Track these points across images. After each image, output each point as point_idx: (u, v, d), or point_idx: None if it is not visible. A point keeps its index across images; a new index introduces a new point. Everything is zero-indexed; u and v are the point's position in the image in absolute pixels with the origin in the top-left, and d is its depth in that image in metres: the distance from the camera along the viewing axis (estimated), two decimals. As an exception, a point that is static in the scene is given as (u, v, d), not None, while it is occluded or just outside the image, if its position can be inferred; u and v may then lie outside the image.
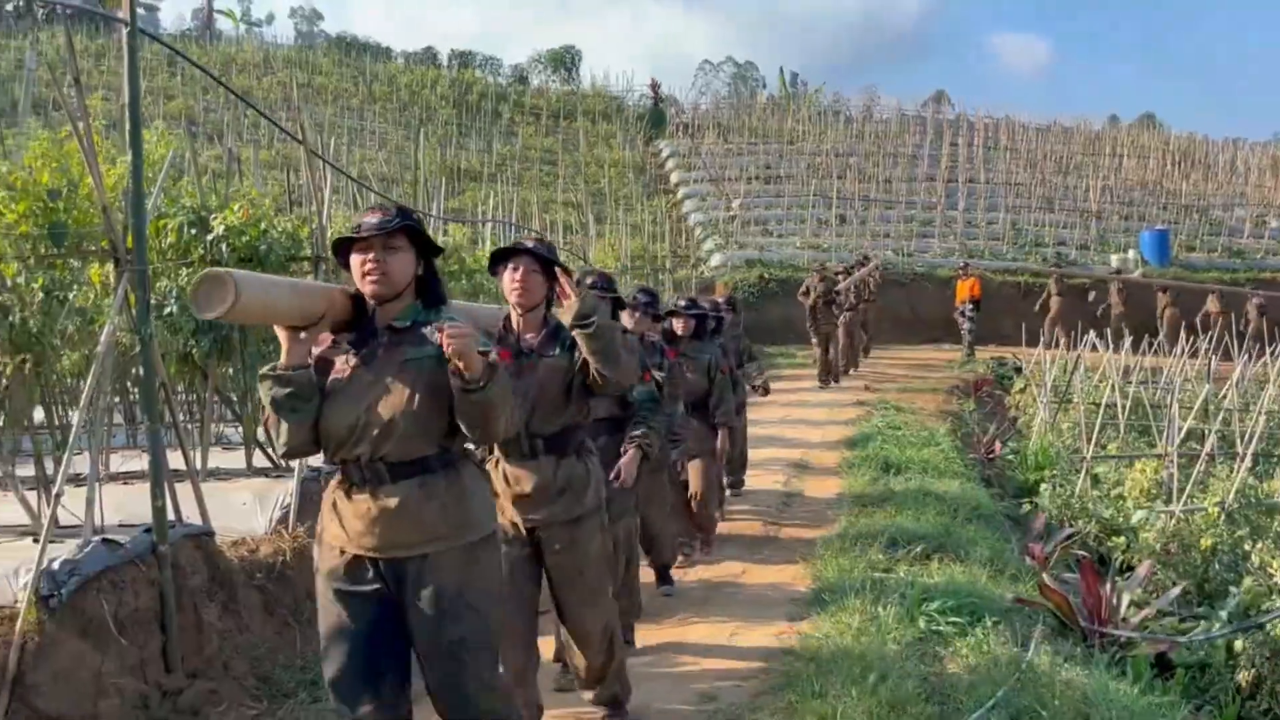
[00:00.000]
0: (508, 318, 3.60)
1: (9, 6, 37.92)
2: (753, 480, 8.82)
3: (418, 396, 2.70)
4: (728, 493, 7.91)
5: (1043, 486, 9.85)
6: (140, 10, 4.03)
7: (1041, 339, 15.43)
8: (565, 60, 40.10)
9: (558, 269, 3.48)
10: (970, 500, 7.97)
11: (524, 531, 3.56)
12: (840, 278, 16.21)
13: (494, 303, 8.06)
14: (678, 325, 6.23)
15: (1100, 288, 21.19)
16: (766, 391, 9.72)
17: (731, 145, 31.08)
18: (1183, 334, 17.37)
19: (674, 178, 29.57)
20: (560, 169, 29.86)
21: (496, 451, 3.57)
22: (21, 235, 3.90)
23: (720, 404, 6.38)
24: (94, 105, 5.57)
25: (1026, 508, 9.72)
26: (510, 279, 3.46)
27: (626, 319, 4.71)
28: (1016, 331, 19.98)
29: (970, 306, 18.39)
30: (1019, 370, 17.02)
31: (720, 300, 8.84)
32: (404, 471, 2.73)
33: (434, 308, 2.83)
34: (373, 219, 2.75)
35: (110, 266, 4.03)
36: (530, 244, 3.47)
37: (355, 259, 2.76)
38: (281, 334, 2.72)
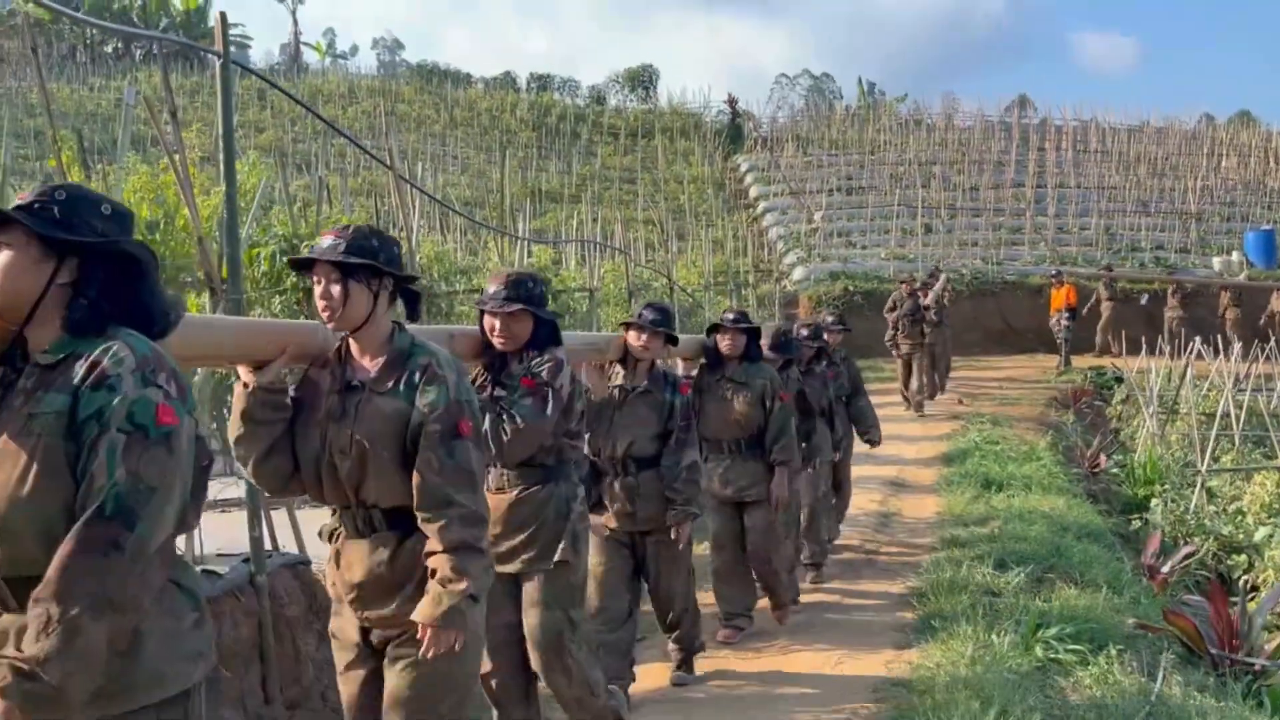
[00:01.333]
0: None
1: (108, 48, 39.53)
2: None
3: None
4: (803, 561, 6.34)
5: (1153, 502, 9.41)
6: (232, 47, 4.05)
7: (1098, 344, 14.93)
8: (643, 79, 40.21)
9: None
10: (1078, 518, 7.63)
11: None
12: (920, 293, 14.27)
13: (579, 328, 8.01)
14: (724, 343, 5.17)
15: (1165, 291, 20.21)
16: (875, 443, 7.79)
17: (811, 157, 30.75)
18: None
19: (753, 192, 29.35)
20: (639, 187, 29.89)
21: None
22: (121, 268, 3.93)
23: (779, 438, 5.13)
24: (189, 139, 5.65)
25: (1136, 524, 9.30)
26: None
27: (633, 339, 4.29)
28: (1114, 340, 19.39)
29: (1066, 315, 17.77)
30: (1119, 380, 16.38)
31: (826, 319, 7.65)
32: None
33: None
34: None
35: (206, 296, 4.04)
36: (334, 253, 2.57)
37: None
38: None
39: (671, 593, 4.48)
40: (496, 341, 3.39)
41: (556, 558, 3.41)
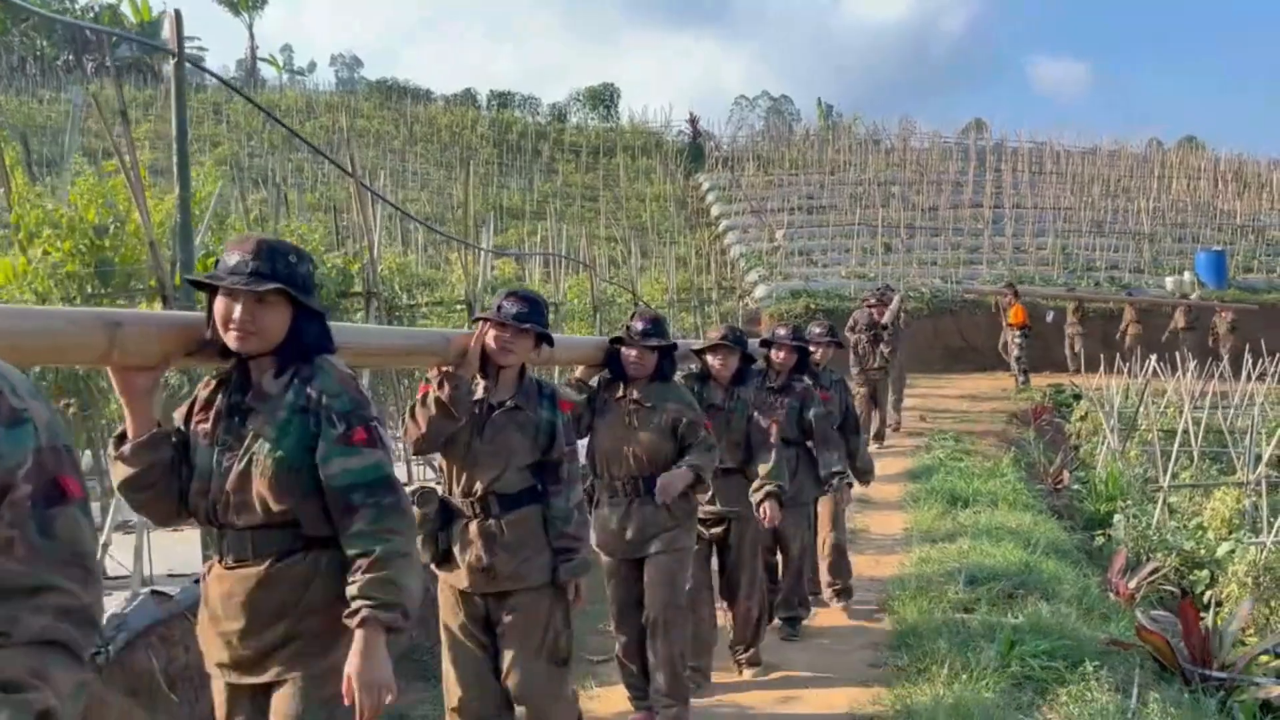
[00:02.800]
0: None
1: (59, 61, 38.85)
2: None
3: None
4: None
5: (1116, 518, 9.42)
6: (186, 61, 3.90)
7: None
8: (604, 98, 40.25)
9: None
10: (1045, 534, 7.60)
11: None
12: (875, 311, 12.79)
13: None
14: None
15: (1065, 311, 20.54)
16: (865, 481, 6.61)
17: (772, 177, 30.92)
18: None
19: (714, 210, 29.44)
20: (601, 204, 29.85)
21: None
22: (68, 274, 3.76)
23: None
24: (141, 151, 5.46)
25: (1099, 540, 9.30)
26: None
27: (490, 337, 3.23)
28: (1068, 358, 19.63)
29: (1019, 334, 17.84)
30: (1078, 397, 16.53)
31: (813, 330, 6.36)
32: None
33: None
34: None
35: (159, 304, 3.87)
36: None
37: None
38: None
39: (529, 684, 3.21)
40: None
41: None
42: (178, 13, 3.75)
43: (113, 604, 3.52)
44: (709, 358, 4.69)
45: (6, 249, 3.86)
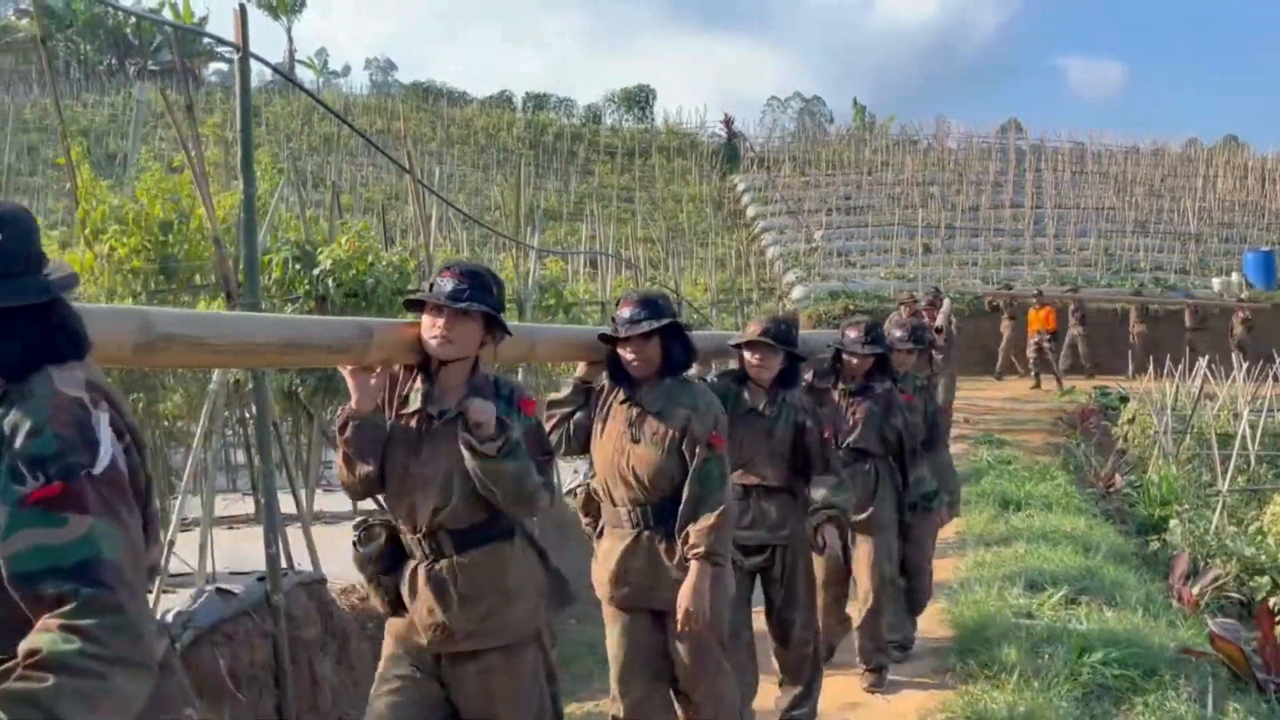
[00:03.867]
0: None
1: (102, 65, 39.39)
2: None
3: None
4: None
5: (1172, 523, 9.24)
6: (222, 65, 3.88)
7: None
8: (639, 99, 40.20)
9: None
10: (1103, 539, 7.45)
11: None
12: (926, 315, 11.42)
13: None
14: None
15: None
16: (951, 507, 5.60)
17: (808, 177, 30.74)
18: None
19: (750, 211, 29.32)
20: (637, 205, 29.82)
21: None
22: (133, 270, 3.75)
23: (699, 508, 3.16)
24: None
25: (1154, 545, 9.12)
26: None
27: (427, 326, 2.57)
28: (1114, 360, 19.31)
29: (1046, 337, 17.42)
30: (1125, 400, 16.25)
31: (893, 334, 5.14)
32: None
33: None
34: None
35: (221, 300, 3.85)
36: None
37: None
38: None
39: None
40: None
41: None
42: (242, 8, 3.72)
43: (178, 601, 3.51)
44: (746, 354, 3.81)
45: (73, 245, 3.86)
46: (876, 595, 4.53)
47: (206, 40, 35.25)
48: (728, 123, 36.00)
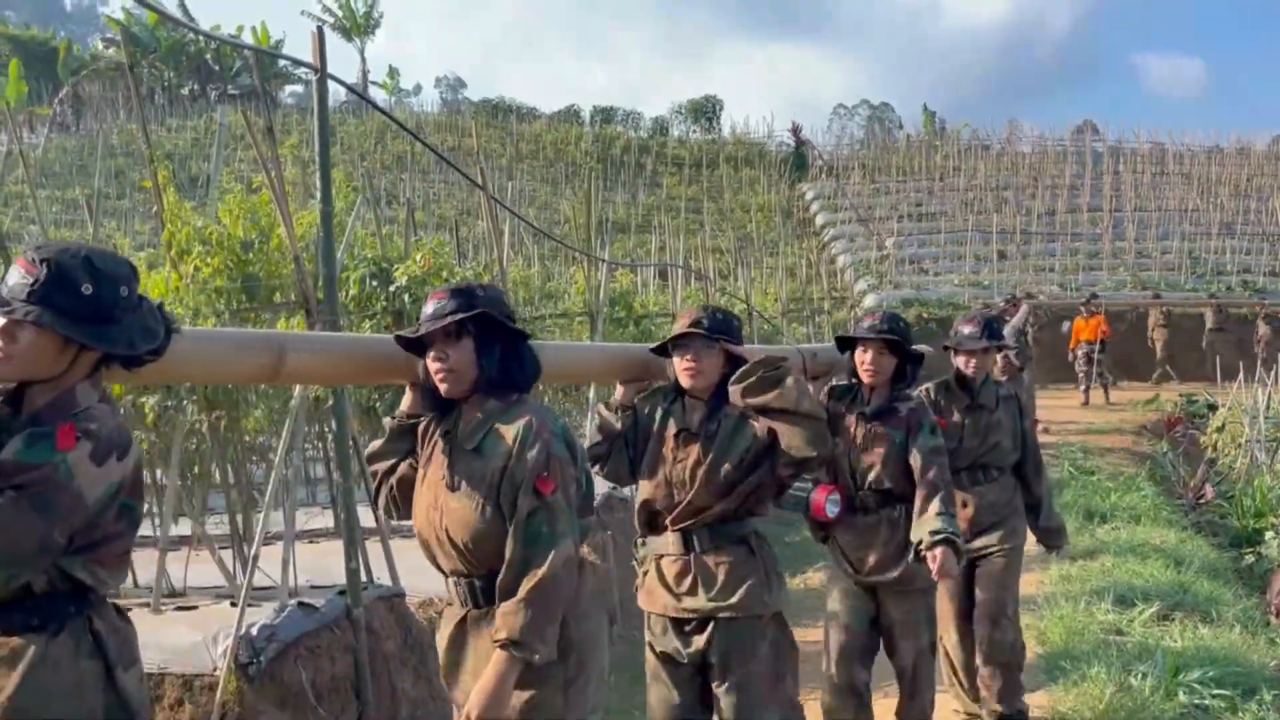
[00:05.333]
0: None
1: (184, 90, 40.64)
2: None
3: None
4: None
5: (1268, 535, 8.89)
6: (298, 87, 3.95)
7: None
8: (706, 110, 40.22)
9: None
10: (1196, 552, 7.20)
11: None
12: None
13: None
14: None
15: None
16: (1055, 544, 4.59)
17: (877, 185, 30.43)
18: None
19: (819, 220, 29.10)
20: (706, 216, 29.80)
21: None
22: (217, 289, 3.83)
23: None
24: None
25: (1249, 558, 8.78)
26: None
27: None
28: (1199, 366, 18.69)
29: (1097, 348, 16.61)
30: (1213, 408, 15.72)
31: (965, 330, 4.19)
32: None
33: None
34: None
35: (301, 317, 3.91)
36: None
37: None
38: None
39: None
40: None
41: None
42: (320, 30, 3.79)
43: (261, 615, 3.56)
44: (674, 357, 2.97)
45: (160, 265, 3.96)
46: (915, 676, 3.57)
47: (283, 63, 36.13)
48: (795, 131, 35.81)
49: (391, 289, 4.99)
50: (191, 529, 4.48)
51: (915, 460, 3.41)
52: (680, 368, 2.92)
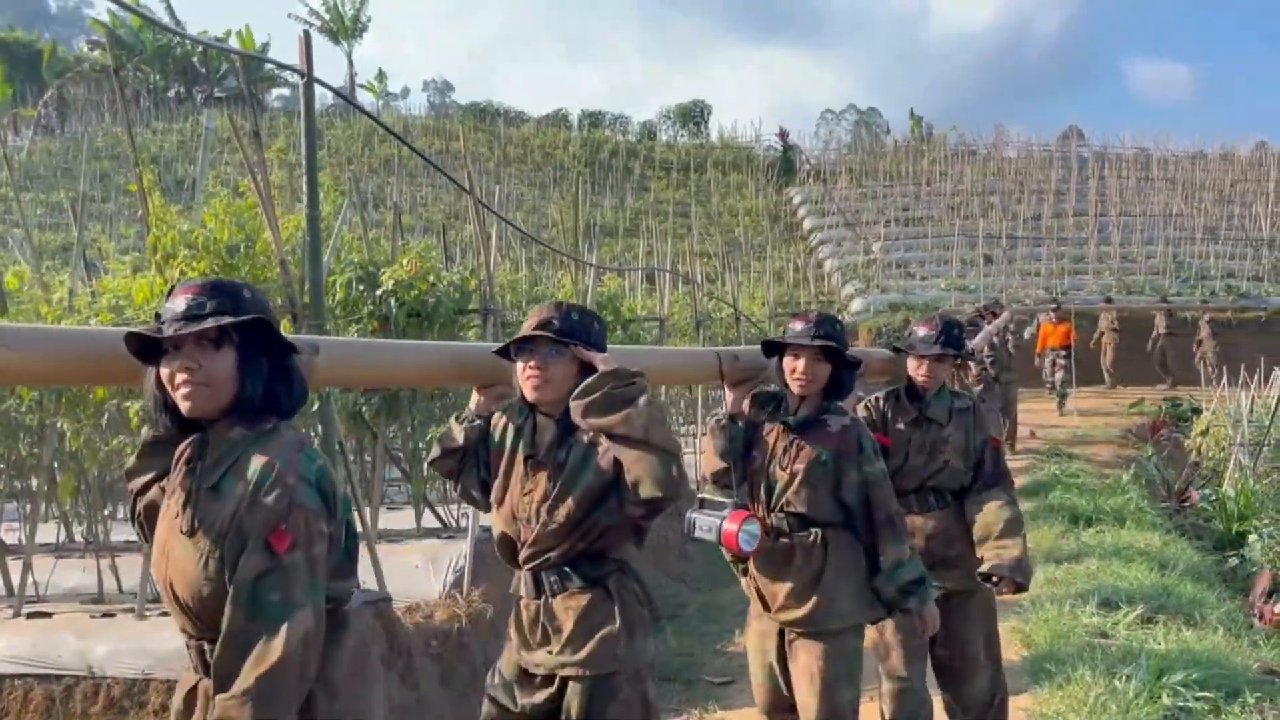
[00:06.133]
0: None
1: (170, 93, 40.49)
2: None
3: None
4: None
5: (1251, 538, 8.94)
6: (284, 90, 3.95)
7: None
8: (694, 114, 40.31)
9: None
10: (1180, 555, 7.24)
11: None
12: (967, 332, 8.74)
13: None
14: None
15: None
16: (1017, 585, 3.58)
17: (864, 189, 30.55)
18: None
19: (806, 224, 29.19)
20: (694, 220, 29.86)
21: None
22: (202, 293, 3.81)
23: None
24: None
25: (1232, 561, 8.84)
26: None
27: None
28: (1184, 370, 18.80)
29: (1062, 354, 16.08)
30: (1197, 411, 15.82)
31: (920, 332, 3.72)
32: None
33: None
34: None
35: (287, 321, 3.91)
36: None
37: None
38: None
39: None
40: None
41: None
42: (307, 34, 3.79)
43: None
44: (517, 363, 2.62)
45: (145, 269, 3.95)
46: None
47: (270, 66, 36.05)
48: (783, 135, 35.94)
49: (378, 293, 4.98)
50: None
51: (853, 494, 3.02)
52: (523, 376, 2.50)
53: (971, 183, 29.87)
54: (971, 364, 7.77)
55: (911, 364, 3.66)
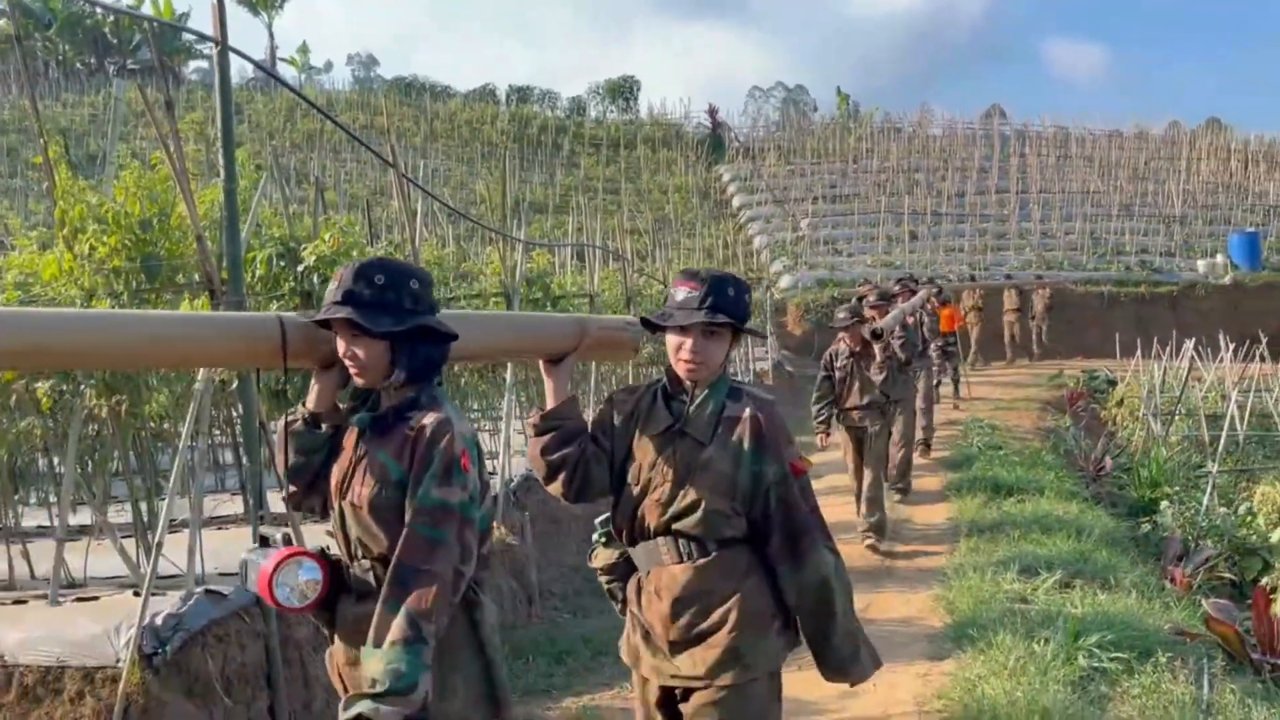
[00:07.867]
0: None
1: (80, 65, 39.03)
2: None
3: None
4: None
5: (1163, 505, 9.25)
6: (203, 63, 3.83)
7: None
8: (623, 90, 40.12)
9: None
10: (1096, 522, 7.46)
11: None
12: (873, 314, 7.79)
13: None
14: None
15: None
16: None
17: (793, 166, 30.76)
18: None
19: (736, 201, 29.32)
20: (623, 197, 29.77)
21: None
22: (114, 270, 3.68)
23: None
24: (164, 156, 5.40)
25: (1145, 527, 9.14)
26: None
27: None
28: (1102, 343, 19.36)
29: (951, 340, 14.25)
30: (1112, 383, 16.33)
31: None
32: None
33: None
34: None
35: (205, 299, 3.79)
36: None
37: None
38: None
39: None
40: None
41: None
42: (220, 2, 3.66)
43: (167, 604, 3.46)
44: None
45: (52, 245, 3.80)
46: None
47: (187, 37, 34.94)
48: (712, 113, 36.01)
49: (300, 269, 4.85)
50: (92, 518, 4.33)
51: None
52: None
53: (897, 160, 30.26)
54: (876, 347, 7.16)
55: (669, 340, 2.43)
